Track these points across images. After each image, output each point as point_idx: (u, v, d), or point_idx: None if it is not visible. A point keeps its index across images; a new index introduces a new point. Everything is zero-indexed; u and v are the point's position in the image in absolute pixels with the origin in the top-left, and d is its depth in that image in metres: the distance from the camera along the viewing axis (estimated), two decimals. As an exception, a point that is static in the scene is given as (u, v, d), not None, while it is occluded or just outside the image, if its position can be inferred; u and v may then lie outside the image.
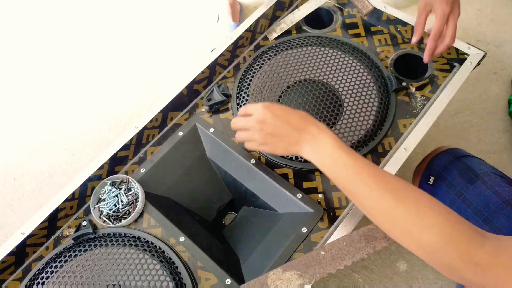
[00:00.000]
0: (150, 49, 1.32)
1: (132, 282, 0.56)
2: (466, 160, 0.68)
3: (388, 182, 0.44)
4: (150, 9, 1.41)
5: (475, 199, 0.62)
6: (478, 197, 0.62)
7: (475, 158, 0.70)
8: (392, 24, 0.75)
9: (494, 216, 0.60)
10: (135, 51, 1.32)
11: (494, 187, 0.62)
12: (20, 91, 1.28)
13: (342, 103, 0.67)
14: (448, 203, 0.65)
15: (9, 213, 1.07)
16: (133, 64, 1.29)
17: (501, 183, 0.63)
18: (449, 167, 0.68)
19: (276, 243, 0.59)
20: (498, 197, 0.61)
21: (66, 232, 0.64)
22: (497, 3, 1.27)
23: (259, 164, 0.65)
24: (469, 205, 0.62)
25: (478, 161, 0.69)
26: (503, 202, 0.60)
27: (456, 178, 0.66)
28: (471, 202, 0.62)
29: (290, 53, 0.73)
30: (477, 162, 0.68)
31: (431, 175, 0.70)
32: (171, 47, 1.31)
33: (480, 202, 0.61)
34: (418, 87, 0.69)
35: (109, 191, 0.63)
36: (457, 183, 0.65)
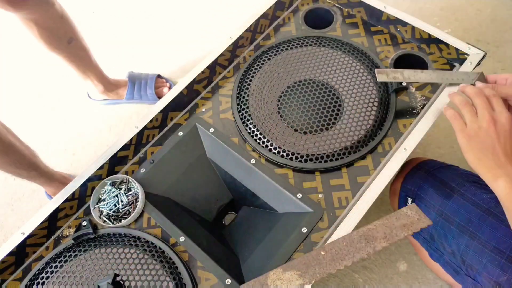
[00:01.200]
0: (150, 49, 1.32)
1: (132, 282, 0.55)
2: (438, 173, 0.67)
3: None
4: (150, 9, 1.41)
5: (456, 215, 0.61)
6: (458, 212, 0.61)
7: (447, 169, 0.68)
8: (392, 24, 0.75)
9: (478, 229, 0.59)
10: (134, 51, 1.32)
11: (471, 197, 0.61)
12: (20, 91, 1.28)
13: (342, 103, 0.67)
14: None
15: (9, 213, 1.07)
16: (133, 64, 1.29)
17: (476, 191, 0.62)
18: (424, 186, 0.67)
19: (276, 243, 0.59)
20: (478, 208, 0.60)
21: (66, 232, 0.64)
22: (497, 3, 1.27)
23: (259, 164, 0.65)
24: (452, 223, 0.62)
25: (450, 171, 0.67)
26: (484, 212, 0.59)
27: (433, 196, 0.65)
28: (453, 219, 0.62)
29: (290, 53, 0.73)
30: (449, 173, 0.67)
31: (408, 196, 0.68)
32: (171, 47, 1.31)
33: (462, 218, 0.61)
34: (418, 87, 0.69)
35: (109, 191, 0.63)
36: (435, 201, 0.64)
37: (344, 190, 0.61)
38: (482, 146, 0.50)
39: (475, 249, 0.58)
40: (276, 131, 0.65)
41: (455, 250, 0.61)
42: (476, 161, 0.50)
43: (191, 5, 1.40)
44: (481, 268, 0.58)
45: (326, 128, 0.65)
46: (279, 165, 0.64)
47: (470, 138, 0.51)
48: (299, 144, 0.64)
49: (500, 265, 0.56)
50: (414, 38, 0.73)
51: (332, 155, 0.63)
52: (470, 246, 0.59)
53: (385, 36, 0.76)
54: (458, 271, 0.63)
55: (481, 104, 0.52)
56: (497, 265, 0.56)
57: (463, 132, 0.52)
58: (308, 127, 0.65)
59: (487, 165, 0.49)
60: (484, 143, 0.50)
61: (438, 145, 1.04)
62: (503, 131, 0.50)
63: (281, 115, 0.67)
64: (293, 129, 0.66)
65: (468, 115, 0.53)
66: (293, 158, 0.63)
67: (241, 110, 0.69)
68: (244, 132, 0.67)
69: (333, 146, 0.63)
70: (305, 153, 0.63)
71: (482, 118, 0.51)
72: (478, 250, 0.58)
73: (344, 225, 0.55)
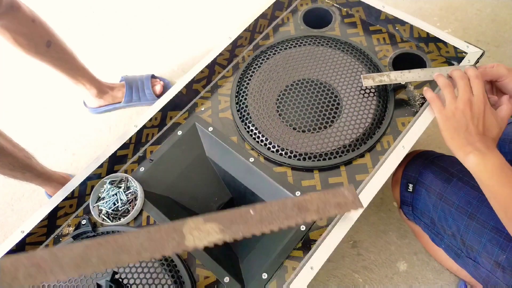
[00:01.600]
0: (150, 49, 1.32)
1: (130, 280, 0.56)
2: (438, 161, 0.69)
3: None
4: (150, 9, 1.42)
5: (456, 198, 0.63)
6: (458, 194, 0.63)
7: (446, 157, 0.71)
8: (390, 23, 0.75)
9: (477, 210, 0.61)
10: (134, 51, 1.33)
11: (470, 181, 0.63)
12: (20, 91, 1.28)
13: (340, 101, 0.67)
14: (432, 206, 0.66)
15: (9, 213, 1.08)
16: (133, 64, 1.30)
17: None
18: (424, 172, 0.69)
19: (274, 241, 0.59)
20: (476, 191, 0.62)
21: (65, 230, 0.64)
22: (497, 3, 1.27)
23: (258, 163, 0.65)
24: (452, 205, 0.63)
25: (450, 159, 0.70)
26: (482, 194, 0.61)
27: (433, 181, 0.67)
28: (453, 201, 0.63)
29: (289, 52, 0.73)
30: (449, 160, 0.69)
31: (408, 182, 0.71)
32: (171, 47, 1.32)
33: (461, 200, 0.63)
34: (416, 85, 0.69)
35: (109, 190, 0.64)
36: (435, 185, 0.66)
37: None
38: (457, 125, 0.54)
39: (474, 229, 0.60)
40: (275, 130, 0.65)
41: (455, 231, 0.62)
42: (450, 140, 0.55)
43: (191, 5, 1.41)
44: (480, 248, 0.59)
45: (325, 126, 0.65)
46: (278, 164, 0.64)
47: (447, 118, 0.55)
48: (298, 142, 0.64)
49: (499, 244, 0.57)
50: (413, 37, 0.74)
51: (331, 153, 0.63)
52: (469, 226, 0.60)
53: (384, 35, 0.76)
54: (459, 253, 0.64)
55: (462, 86, 0.56)
56: (496, 244, 0.58)
57: (441, 113, 0.57)
58: (307, 125, 0.65)
59: (459, 143, 0.54)
60: (459, 122, 0.54)
61: (438, 145, 1.04)
62: (477, 112, 0.54)
63: (280, 114, 0.67)
64: (291, 127, 0.66)
65: (448, 96, 0.57)
66: (291, 156, 0.64)
67: (240, 109, 0.69)
68: (243, 131, 0.67)
69: (332, 144, 0.63)
70: (303, 151, 0.63)
71: (460, 99, 0.55)
72: (477, 230, 0.60)
73: (342, 223, 0.55)
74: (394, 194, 0.76)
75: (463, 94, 0.55)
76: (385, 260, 0.92)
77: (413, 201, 0.69)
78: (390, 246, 0.93)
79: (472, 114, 0.54)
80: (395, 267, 0.91)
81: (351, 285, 0.90)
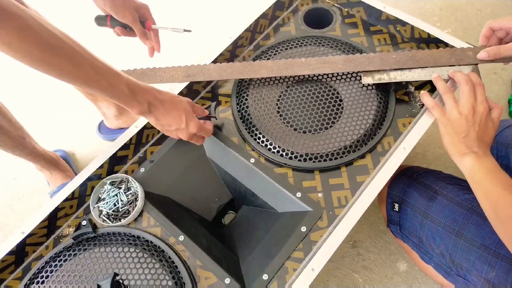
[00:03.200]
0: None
1: (131, 281, 0.56)
2: (421, 178, 0.69)
3: None
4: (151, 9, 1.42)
5: (441, 216, 0.63)
6: (443, 212, 0.63)
7: (430, 173, 0.70)
8: (391, 24, 0.75)
9: (464, 227, 0.61)
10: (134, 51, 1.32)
11: (455, 198, 0.64)
12: (19, 91, 1.28)
13: (341, 102, 0.67)
14: (419, 226, 0.65)
15: (9, 213, 1.07)
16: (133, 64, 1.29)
17: (459, 192, 0.64)
18: (408, 190, 0.69)
19: (275, 242, 0.59)
20: (461, 208, 0.62)
21: (66, 231, 0.64)
22: (497, 3, 1.27)
23: (259, 164, 0.65)
24: (438, 223, 0.63)
25: (433, 176, 0.69)
26: (468, 211, 0.61)
27: (418, 200, 0.67)
28: (439, 220, 0.63)
29: (289, 52, 0.73)
30: (432, 177, 0.69)
31: (394, 202, 0.71)
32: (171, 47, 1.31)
33: (447, 218, 0.62)
34: (417, 86, 0.69)
35: (109, 191, 0.64)
36: (420, 204, 0.66)
37: (343, 189, 0.61)
38: (459, 131, 0.56)
39: (462, 247, 0.60)
40: (276, 131, 0.65)
41: (444, 250, 0.62)
42: (450, 144, 0.57)
43: (191, 5, 1.41)
44: (470, 266, 0.59)
45: (326, 127, 0.65)
46: (279, 165, 0.64)
47: (448, 123, 0.57)
48: (299, 143, 0.64)
49: (488, 261, 0.57)
50: (414, 38, 0.73)
51: (332, 154, 0.63)
52: (457, 245, 0.60)
53: (385, 35, 0.76)
54: (448, 272, 0.64)
55: (466, 92, 0.57)
56: (484, 261, 0.58)
57: (443, 117, 0.58)
58: (308, 126, 0.65)
59: (459, 147, 0.56)
60: (460, 127, 0.55)
61: (438, 145, 1.04)
62: (479, 119, 0.55)
63: (281, 115, 0.67)
64: (292, 128, 0.66)
65: (449, 101, 0.58)
66: (292, 157, 0.63)
67: (240, 110, 0.69)
68: (243, 132, 0.67)
69: (333, 145, 0.63)
70: (304, 152, 0.63)
71: (464, 105, 0.56)
72: (465, 248, 0.60)
73: (343, 224, 0.55)
74: (381, 211, 0.76)
75: (467, 100, 0.56)
76: (385, 260, 0.92)
77: (400, 220, 0.69)
78: (390, 246, 0.93)
79: (474, 120, 0.55)
80: (395, 267, 0.91)
81: (351, 285, 0.90)
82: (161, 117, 0.57)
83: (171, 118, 0.57)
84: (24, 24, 0.43)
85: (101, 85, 0.51)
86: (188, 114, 0.58)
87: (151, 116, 0.57)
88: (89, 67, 0.49)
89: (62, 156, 1.08)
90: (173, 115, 0.57)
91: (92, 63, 0.49)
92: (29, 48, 0.44)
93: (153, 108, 0.56)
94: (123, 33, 0.73)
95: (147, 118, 0.58)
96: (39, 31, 0.44)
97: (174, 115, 0.57)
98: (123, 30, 0.72)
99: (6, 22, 0.42)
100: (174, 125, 0.58)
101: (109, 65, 0.52)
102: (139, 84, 0.55)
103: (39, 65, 0.46)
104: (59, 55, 0.46)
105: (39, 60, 0.46)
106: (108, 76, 0.51)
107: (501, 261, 0.57)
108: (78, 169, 1.11)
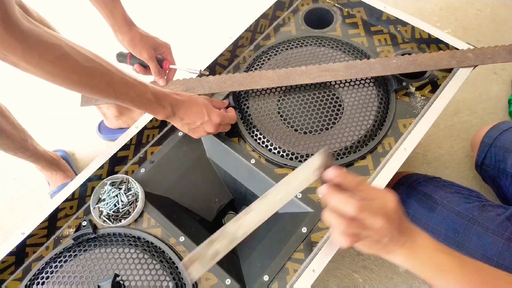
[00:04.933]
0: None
1: (132, 282, 0.55)
2: (420, 187, 0.68)
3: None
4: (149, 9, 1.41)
5: (442, 227, 0.62)
6: (444, 223, 0.62)
7: (429, 181, 0.69)
8: (392, 24, 0.75)
9: (465, 239, 0.60)
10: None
11: (455, 208, 0.62)
12: (19, 91, 1.28)
13: (342, 103, 0.67)
14: None
15: (9, 213, 1.07)
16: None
17: (459, 201, 0.63)
18: (408, 200, 0.68)
19: (276, 243, 0.59)
20: (462, 218, 0.61)
21: (66, 232, 0.64)
22: (497, 3, 1.27)
23: (259, 164, 0.64)
24: (439, 235, 0.62)
25: (432, 184, 0.67)
26: (469, 222, 0.60)
27: (417, 210, 0.66)
28: (440, 231, 0.62)
29: (290, 53, 0.73)
30: (432, 185, 0.67)
31: None
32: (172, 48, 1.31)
33: (448, 229, 0.61)
34: (418, 87, 0.69)
35: (109, 191, 0.63)
36: (420, 214, 0.65)
37: (344, 190, 0.61)
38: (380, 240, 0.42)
39: None
40: (276, 131, 0.65)
41: None
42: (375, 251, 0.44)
43: (191, 5, 1.41)
44: None
45: (326, 128, 0.65)
46: (279, 165, 0.64)
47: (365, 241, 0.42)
48: (299, 144, 0.64)
49: None
50: (414, 38, 0.73)
51: (332, 155, 0.63)
52: None
53: (385, 36, 0.76)
54: None
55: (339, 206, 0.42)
56: None
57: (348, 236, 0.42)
58: (308, 127, 0.65)
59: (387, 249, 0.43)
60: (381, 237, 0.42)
61: (438, 145, 1.04)
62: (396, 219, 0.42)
63: (281, 115, 0.67)
64: (293, 129, 0.66)
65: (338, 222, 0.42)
66: (293, 158, 0.63)
67: (241, 110, 0.69)
68: (244, 132, 0.67)
69: (333, 146, 0.63)
70: (305, 153, 0.63)
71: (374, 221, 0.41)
72: None
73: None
74: None
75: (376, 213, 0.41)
76: (385, 260, 0.92)
77: None
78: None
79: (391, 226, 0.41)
80: (395, 267, 0.91)
81: (351, 285, 0.90)
82: (184, 116, 0.60)
83: (193, 114, 0.60)
84: (62, 53, 0.46)
85: (130, 97, 0.54)
86: (207, 106, 0.61)
87: (175, 118, 0.60)
88: (119, 82, 0.52)
89: (62, 156, 1.08)
90: (194, 111, 0.60)
91: (121, 77, 0.53)
92: (68, 74, 0.47)
93: (176, 109, 0.59)
94: (141, 71, 0.74)
95: (172, 121, 0.61)
96: (75, 57, 0.47)
97: (195, 111, 0.60)
98: (141, 68, 0.74)
99: (47, 53, 0.45)
100: (198, 120, 0.61)
101: (135, 77, 0.55)
102: (161, 90, 0.58)
103: (76, 87, 0.50)
104: (94, 76, 0.50)
105: (77, 83, 0.49)
106: (135, 87, 0.54)
107: None
108: (78, 169, 1.11)
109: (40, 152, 0.97)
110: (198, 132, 0.63)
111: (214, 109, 0.62)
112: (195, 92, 0.68)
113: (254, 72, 0.68)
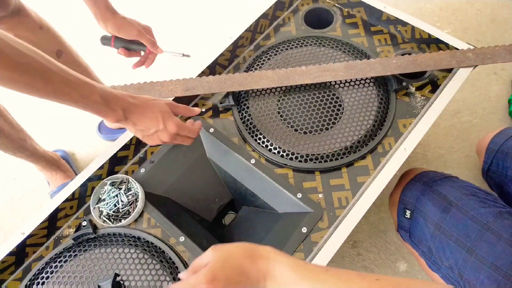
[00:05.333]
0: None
1: (132, 282, 0.55)
2: (436, 186, 0.67)
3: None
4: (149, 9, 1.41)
5: (454, 229, 0.61)
6: (456, 226, 0.61)
7: (446, 181, 0.68)
8: (392, 24, 0.75)
9: (476, 244, 0.59)
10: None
11: (470, 211, 0.61)
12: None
13: (342, 103, 0.67)
14: (429, 236, 0.64)
15: (9, 213, 1.07)
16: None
17: (474, 205, 0.62)
18: (422, 198, 0.66)
19: (276, 243, 0.59)
20: (476, 223, 0.60)
21: (66, 232, 0.64)
22: (497, 3, 1.27)
23: (259, 164, 0.65)
24: (450, 237, 0.61)
25: (449, 184, 0.67)
26: (482, 227, 0.59)
27: (431, 209, 0.64)
28: (451, 233, 0.61)
29: (290, 53, 0.73)
30: (448, 185, 0.66)
31: (406, 208, 0.68)
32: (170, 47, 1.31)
33: (459, 232, 0.60)
34: (418, 87, 0.69)
35: (109, 191, 0.63)
36: (433, 214, 0.64)
37: (344, 190, 0.62)
38: None
39: (472, 264, 0.58)
40: (276, 131, 0.65)
41: (453, 264, 0.61)
42: None
43: (191, 5, 1.41)
44: (478, 284, 0.57)
45: (326, 128, 0.65)
46: (279, 165, 0.64)
47: None
48: (299, 144, 0.64)
49: (498, 282, 0.56)
50: (414, 38, 0.73)
51: (332, 155, 0.63)
52: (467, 261, 0.59)
53: (385, 36, 0.76)
54: (456, 285, 0.63)
55: None
56: (494, 281, 0.56)
57: None
58: (308, 127, 0.65)
59: None
60: None
61: (438, 145, 1.04)
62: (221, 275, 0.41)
63: (281, 115, 0.67)
64: (293, 129, 0.66)
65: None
66: (293, 158, 0.63)
67: (241, 110, 0.69)
68: (244, 132, 0.67)
69: (333, 146, 0.63)
70: (305, 153, 0.63)
71: None
72: (475, 266, 0.58)
73: (344, 225, 0.55)
74: (392, 214, 0.75)
75: None
76: (385, 260, 0.92)
77: (410, 228, 0.67)
78: (390, 246, 0.93)
79: None
80: (395, 267, 0.91)
81: (351, 285, 0.90)
82: (137, 121, 0.55)
83: (148, 120, 0.55)
84: None
85: (72, 98, 0.50)
86: (165, 114, 0.56)
87: (128, 123, 0.55)
88: (60, 82, 0.49)
89: (62, 156, 1.08)
90: (149, 117, 0.55)
91: (63, 76, 0.49)
92: None
93: (128, 113, 0.54)
94: (125, 54, 0.74)
95: (125, 126, 0.56)
96: (7, 51, 0.44)
97: (150, 117, 0.56)
98: (125, 52, 0.73)
99: None
100: (152, 128, 0.56)
101: (82, 77, 0.51)
102: (112, 92, 0.53)
103: (8, 85, 0.46)
104: (29, 73, 0.46)
105: (8, 80, 0.45)
106: (80, 88, 0.50)
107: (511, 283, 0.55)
108: (78, 169, 1.11)
109: (40, 152, 0.97)
110: (152, 140, 0.58)
111: (172, 118, 0.57)
112: (195, 92, 0.68)
113: (254, 72, 0.68)
